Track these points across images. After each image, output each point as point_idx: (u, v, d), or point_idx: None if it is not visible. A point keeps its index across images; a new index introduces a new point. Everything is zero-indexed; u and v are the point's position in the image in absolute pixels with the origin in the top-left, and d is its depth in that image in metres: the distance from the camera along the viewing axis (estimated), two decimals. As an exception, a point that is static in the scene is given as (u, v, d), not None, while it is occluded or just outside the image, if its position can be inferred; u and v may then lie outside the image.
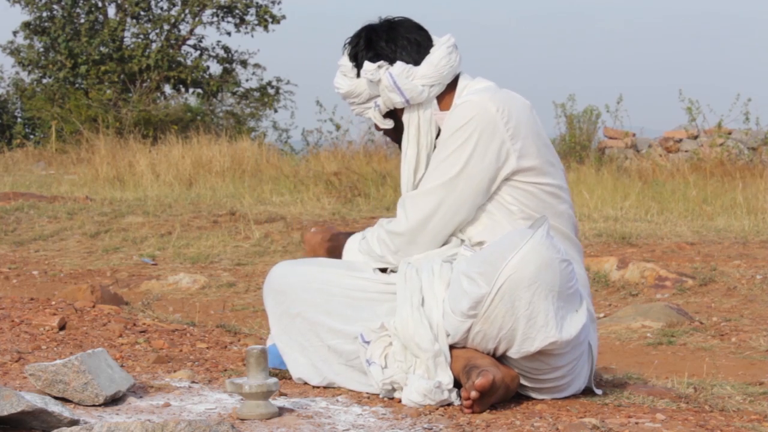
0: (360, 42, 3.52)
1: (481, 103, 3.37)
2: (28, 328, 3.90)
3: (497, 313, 3.16)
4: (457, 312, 3.20)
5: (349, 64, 3.55)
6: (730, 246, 8.42)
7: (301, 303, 3.44)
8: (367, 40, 3.51)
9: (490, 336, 3.20)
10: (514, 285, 3.13)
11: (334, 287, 3.41)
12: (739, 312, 6.55)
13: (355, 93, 3.54)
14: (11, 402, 2.72)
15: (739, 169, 13.24)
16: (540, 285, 3.13)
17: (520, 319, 3.16)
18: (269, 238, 8.95)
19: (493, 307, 3.16)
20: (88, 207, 10.44)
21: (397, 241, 3.43)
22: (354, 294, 3.40)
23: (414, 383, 3.20)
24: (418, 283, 3.31)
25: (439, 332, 3.25)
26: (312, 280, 3.44)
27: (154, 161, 14.17)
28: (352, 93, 3.54)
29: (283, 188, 12.33)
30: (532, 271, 3.13)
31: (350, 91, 3.54)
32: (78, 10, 24.58)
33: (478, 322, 3.18)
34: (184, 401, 3.16)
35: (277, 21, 25.15)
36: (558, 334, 3.18)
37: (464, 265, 3.23)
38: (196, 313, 5.94)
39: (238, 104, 24.92)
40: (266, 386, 3.00)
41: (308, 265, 3.49)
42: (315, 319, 3.42)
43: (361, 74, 3.51)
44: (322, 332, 3.41)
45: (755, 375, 4.89)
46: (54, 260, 8.41)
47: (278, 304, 3.48)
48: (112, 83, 23.57)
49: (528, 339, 3.18)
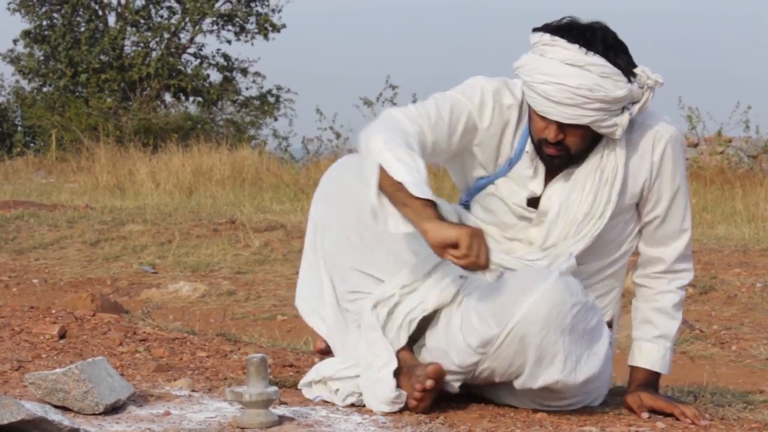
0: (617, 45, 3.21)
1: (673, 128, 3.32)
2: (28, 336, 3.90)
3: (507, 354, 3.15)
4: (467, 345, 3.19)
5: (614, 69, 3.16)
6: (730, 254, 8.42)
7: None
8: (620, 43, 3.22)
9: (498, 373, 3.20)
10: (525, 328, 3.10)
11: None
12: (739, 320, 6.55)
13: (626, 99, 3.19)
14: (11, 411, 2.71)
15: (739, 177, 13.24)
16: (551, 328, 3.10)
17: (528, 359, 3.14)
18: (269, 247, 8.95)
19: (503, 348, 3.14)
20: (88, 215, 10.44)
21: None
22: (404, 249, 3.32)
23: (376, 392, 3.21)
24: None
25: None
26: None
27: (155, 169, 14.17)
28: (623, 99, 3.18)
29: (283, 196, 12.33)
30: (544, 316, 3.09)
31: (623, 98, 3.18)
32: (78, 18, 24.60)
33: (487, 360, 3.17)
34: (184, 410, 3.16)
35: (278, 29, 25.18)
36: (564, 376, 3.16)
37: (475, 301, 3.19)
38: (196, 322, 5.93)
39: (238, 112, 24.93)
40: (266, 395, 3.00)
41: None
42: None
43: (639, 81, 3.20)
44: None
45: (756, 383, 4.89)
46: (54, 269, 8.41)
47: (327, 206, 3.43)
48: (112, 92, 23.59)
49: (532, 378, 3.18)
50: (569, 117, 3.16)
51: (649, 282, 3.43)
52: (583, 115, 3.16)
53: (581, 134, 3.21)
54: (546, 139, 3.22)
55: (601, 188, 3.27)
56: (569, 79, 3.14)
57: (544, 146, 3.25)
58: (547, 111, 3.18)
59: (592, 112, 3.16)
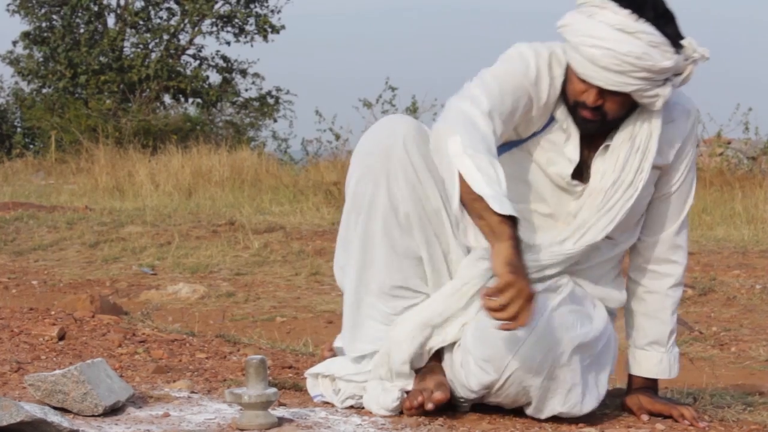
0: (667, 14, 3.09)
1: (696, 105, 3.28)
2: (28, 338, 3.90)
3: (509, 393, 3.12)
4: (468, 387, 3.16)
5: (662, 39, 3.04)
6: (729, 256, 8.42)
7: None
8: (669, 12, 3.10)
9: (505, 404, 3.18)
10: (522, 375, 3.06)
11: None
12: (738, 322, 6.55)
13: (671, 71, 3.09)
14: (10, 412, 2.71)
15: (738, 179, 13.24)
16: (550, 370, 3.07)
17: (532, 396, 3.11)
18: (268, 248, 8.95)
19: (504, 389, 3.11)
20: (87, 217, 10.44)
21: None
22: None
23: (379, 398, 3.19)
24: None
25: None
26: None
27: (154, 171, 14.18)
28: (668, 70, 3.08)
29: (282, 198, 12.33)
30: (540, 361, 3.05)
31: (669, 69, 3.08)
32: (77, 20, 24.61)
33: (491, 396, 3.15)
34: (183, 411, 3.16)
35: (277, 31, 25.20)
36: (569, 409, 3.13)
37: (471, 343, 3.11)
38: (195, 323, 5.93)
39: (238, 114, 24.95)
40: (265, 396, 3.00)
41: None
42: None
43: (685, 52, 3.10)
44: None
45: (755, 385, 4.89)
46: (53, 270, 8.41)
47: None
48: (111, 93, 23.60)
49: (538, 410, 3.16)
50: (613, 83, 3.06)
51: (638, 276, 3.37)
52: (627, 83, 3.06)
53: (620, 101, 3.12)
54: (584, 102, 3.12)
55: (632, 155, 3.19)
56: (618, 45, 3.03)
57: (580, 109, 3.14)
58: (590, 75, 3.07)
59: (637, 81, 3.06)
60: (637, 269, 3.39)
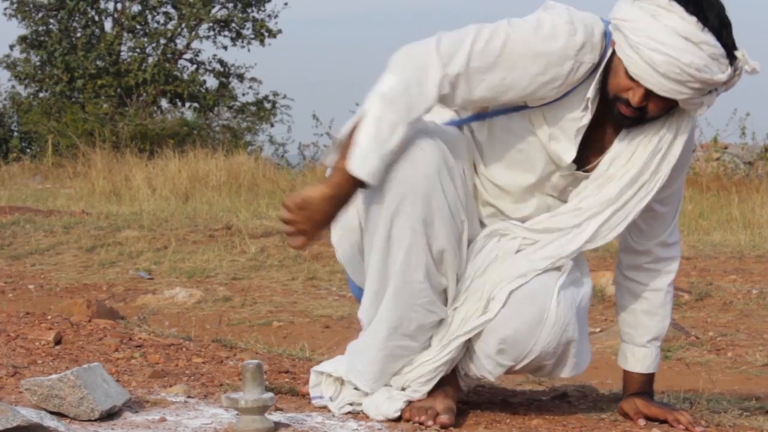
0: (728, 22, 2.98)
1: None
2: (24, 342, 3.89)
3: (525, 370, 3.20)
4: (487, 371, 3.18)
5: (722, 51, 2.94)
6: (726, 261, 8.43)
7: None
8: (729, 20, 2.98)
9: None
10: (540, 360, 3.12)
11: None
12: (735, 327, 6.55)
13: (721, 83, 2.98)
14: (7, 417, 2.71)
15: (735, 184, 13.26)
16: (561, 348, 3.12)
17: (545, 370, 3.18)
18: (265, 253, 8.95)
19: (520, 369, 3.17)
20: (84, 221, 10.44)
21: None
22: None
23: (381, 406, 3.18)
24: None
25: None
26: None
27: (151, 175, 14.18)
28: (718, 83, 2.97)
29: (279, 202, 12.31)
30: (555, 345, 3.09)
31: (722, 82, 2.98)
32: (74, 24, 24.62)
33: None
34: (179, 416, 3.16)
35: (274, 35, 25.20)
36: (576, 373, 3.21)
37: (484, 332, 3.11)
38: (192, 328, 5.93)
39: (235, 118, 24.96)
40: (262, 401, 3.00)
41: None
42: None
43: (738, 63, 2.99)
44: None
45: (751, 390, 4.89)
46: (50, 274, 8.41)
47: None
48: (108, 97, 23.61)
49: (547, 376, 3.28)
50: (666, 90, 2.95)
51: (637, 275, 3.34)
52: (680, 92, 2.95)
53: (665, 105, 3.02)
54: (627, 99, 3.00)
55: (654, 155, 3.11)
56: (682, 54, 2.90)
57: (619, 104, 3.02)
58: (644, 78, 2.95)
59: (690, 91, 2.95)
60: (635, 268, 3.35)
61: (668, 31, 2.92)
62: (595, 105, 3.08)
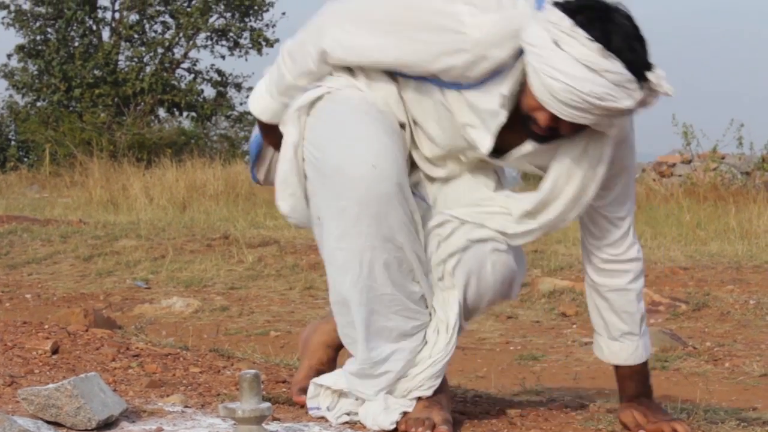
0: (638, 38, 2.87)
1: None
2: (21, 351, 3.89)
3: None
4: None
5: (629, 76, 2.83)
6: (723, 271, 8.43)
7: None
8: (640, 36, 2.87)
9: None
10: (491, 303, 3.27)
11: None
12: (732, 337, 6.55)
13: (629, 110, 2.90)
14: (4, 427, 2.71)
15: (732, 194, 13.27)
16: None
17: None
18: (263, 262, 8.95)
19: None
20: (81, 230, 10.44)
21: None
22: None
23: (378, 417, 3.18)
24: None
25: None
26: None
27: (148, 185, 14.18)
28: (625, 110, 2.89)
29: (276, 212, 12.30)
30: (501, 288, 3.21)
31: (629, 109, 2.89)
32: (72, 33, 24.64)
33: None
34: (176, 426, 3.16)
35: (271, 44, 25.24)
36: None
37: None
38: (189, 337, 5.93)
39: (232, 127, 24.98)
40: (259, 411, 3.00)
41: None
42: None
43: (649, 86, 2.88)
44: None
45: (749, 400, 4.89)
46: (47, 284, 8.40)
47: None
48: (106, 106, 23.63)
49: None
50: (568, 116, 2.87)
51: (598, 277, 3.30)
52: (585, 117, 2.88)
53: (575, 126, 2.93)
54: (536, 120, 2.95)
55: (589, 170, 3.07)
56: (581, 84, 2.80)
57: (531, 123, 2.95)
58: (546, 103, 2.87)
59: (594, 117, 2.87)
60: (593, 269, 3.32)
61: (568, 60, 2.82)
62: (512, 103, 3.00)
